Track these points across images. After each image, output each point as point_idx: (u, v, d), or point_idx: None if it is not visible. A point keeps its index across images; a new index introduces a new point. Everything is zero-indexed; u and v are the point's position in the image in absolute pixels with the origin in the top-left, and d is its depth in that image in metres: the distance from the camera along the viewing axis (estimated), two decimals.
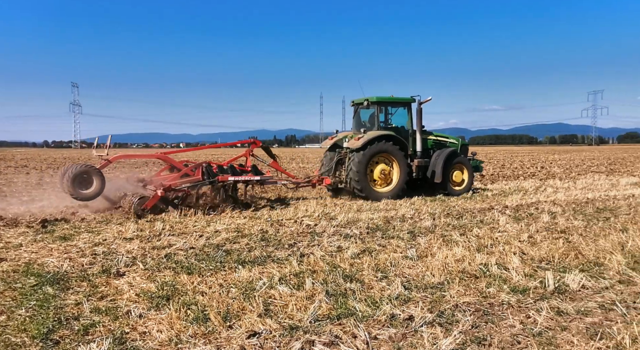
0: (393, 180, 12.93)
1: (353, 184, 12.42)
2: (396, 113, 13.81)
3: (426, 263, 6.03)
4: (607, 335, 3.86)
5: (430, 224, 8.83)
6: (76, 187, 9.29)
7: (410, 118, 13.71)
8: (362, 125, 13.76)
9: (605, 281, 5.31)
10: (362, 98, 13.53)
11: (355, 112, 14.17)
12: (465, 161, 13.98)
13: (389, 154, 12.77)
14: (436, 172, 13.16)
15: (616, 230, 7.94)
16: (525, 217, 9.63)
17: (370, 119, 13.73)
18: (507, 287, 5.10)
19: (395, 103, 13.68)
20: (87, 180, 9.44)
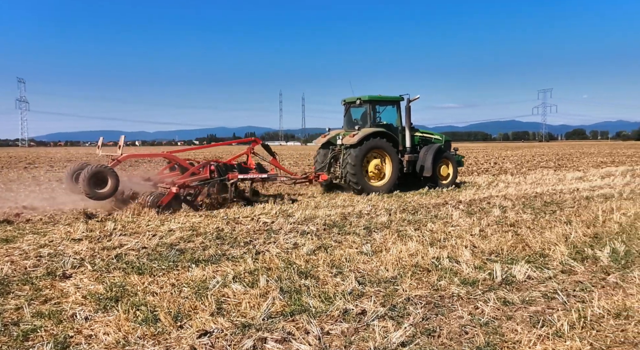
0: (386, 175, 13.56)
1: (349, 177, 12.88)
2: (386, 111, 14.43)
3: (381, 258, 6.11)
4: (548, 323, 4.03)
5: (386, 219, 8.95)
6: (92, 186, 9.50)
7: (399, 115, 14.35)
8: (353, 123, 14.23)
9: (549, 271, 5.53)
10: (354, 97, 14.03)
11: (346, 111, 14.68)
12: (451, 156, 14.76)
13: (382, 150, 13.37)
14: (425, 166, 13.83)
15: (561, 222, 8.29)
16: (478, 211, 9.91)
17: (362, 116, 14.25)
18: (457, 280, 5.23)
19: (385, 101, 14.28)
20: (102, 180, 9.64)
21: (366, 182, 13.17)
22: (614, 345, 3.62)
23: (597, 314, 4.20)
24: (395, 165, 13.52)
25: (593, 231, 7.56)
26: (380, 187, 13.30)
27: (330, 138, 14.12)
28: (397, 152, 13.71)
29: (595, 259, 6.02)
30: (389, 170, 13.56)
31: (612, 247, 6.41)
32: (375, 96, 13.86)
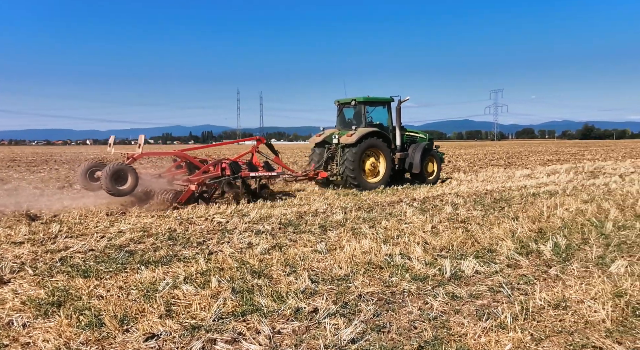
0: (380, 172, 14.38)
1: (348, 173, 13.57)
2: (377, 111, 15.15)
3: (335, 256, 6.14)
4: (493, 315, 4.17)
5: (341, 217, 9.01)
6: (114, 183, 9.77)
7: (389, 116, 15.16)
8: (346, 123, 15.07)
9: (496, 266, 5.72)
10: (349, 98, 14.71)
11: (340, 111, 15.41)
12: (435, 154, 15.78)
13: (377, 149, 14.14)
14: (414, 164, 14.78)
15: (509, 218, 8.59)
16: (431, 208, 10.13)
17: (355, 117, 14.91)
18: (408, 276, 5.33)
19: (377, 102, 15.00)
20: (123, 177, 9.93)
21: (363, 178, 13.89)
22: (552, 334, 3.79)
23: (538, 305, 4.37)
24: (389, 163, 14.34)
25: (538, 226, 7.86)
26: (376, 183, 14.10)
27: (326, 137, 14.70)
28: (390, 151, 14.49)
29: (539, 253, 6.27)
30: (383, 167, 14.37)
31: (555, 242, 6.70)
32: (368, 97, 14.57)
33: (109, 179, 9.70)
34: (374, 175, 14.31)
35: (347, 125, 14.84)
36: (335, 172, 14.38)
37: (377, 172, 14.38)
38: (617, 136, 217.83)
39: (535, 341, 3.67)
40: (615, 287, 4.76)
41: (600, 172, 18.98)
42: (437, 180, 15.75)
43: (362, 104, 14.53)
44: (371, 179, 14.19)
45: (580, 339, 3.68)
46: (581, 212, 9.03)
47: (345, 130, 14.40)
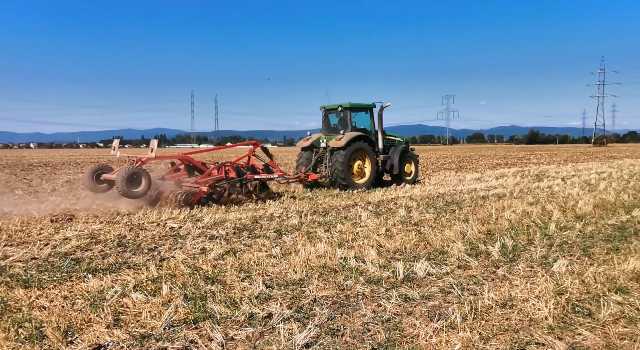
0: (366, 174, 15.30)
1: (338, 174, 14.42)
2: (360, 116, 16.14)
3: (290, 260, 6.12)
4: (444, 316, 4.27)
5: (297, 221, 9.00)
6: (128, 186, 10.16)
7: (372, 120, 16.19)
8: (332, 128, 16.06)
9: (447, 267, 5.87)
10: (335, 104, 15.75)
11: (325, 116, 16.37)
12: (413, 156, 17.04)
13: (363, 152, 15.09)
14: (394, 165, 15.83)
15: (459, 221, 8.84)
16: (385, 212, 10.29)
17: (341, 122, 15.91)
18: (363, 279, 5.38)
19: (360, 108, 15.99)
20: (137, 180, 10.32)
21: (352, 180, 14.77)
22: (499, 333, 3.92)
23: (486, 305, 4.52)
24: (374, 165, 15.31)
25: (487, 228, 8.13)
26: (363, 184, 15.02)
27: (313, 141, 15.56)
28: (374, 153, 15.47)
29: (488, 254, 6.48)
30: (368, 169, 15.31)
31: (502, 243, 6.95)
32: (353, 104, 15.52)
33: (124, 181, 10.13)
34: (361, 176, 15.24)
35: (333, 130, 15.83)
36: (323, 174, 15.11)
37: (364, 173, 15.31)
38: (560, 141, 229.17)
39: (483, 340, 3.79)
40: (557, 285, 4.99)
41: (544, 176, 19.86)
42: (415, 180, 16.94)
43: (348, 109, 15.52)
44: (358, 180, 15.10)
45: (525, 336, 3.83)
46: (527, 214, 9.41)
47: (331, 134, 15.43)
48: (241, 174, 12.07)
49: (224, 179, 11.72)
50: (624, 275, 5.31)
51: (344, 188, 14.49)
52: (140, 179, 10.41)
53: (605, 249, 6.63)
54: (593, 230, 7.91)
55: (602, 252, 6.47)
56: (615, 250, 6.58)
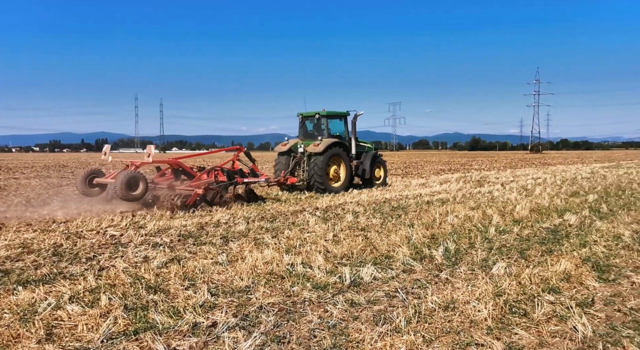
0: (341, 178, 16.19)
1: (316, 178, 15.21)
2: (335, 123, 17.04)
3: (236, 267, 6.03)
4: (389, 320, 4.34)
5: (244, 228, 8.89)
6: (127, 189, 10.54)
7: (346, 128, 17.12)
8: (308, 134, 16.87)
9: (393, 271, 5.98)
10: (313, 112, 16.59)
11: (302, 123, 17.13)
12: (382, 161, 18.16)
13: (339, 157, 16.00)
14: (366, 170, 16.97)
15: (405, 225, 9.04)
16: (333, 217, 10.36)
17: (317, 128, 16.79)
18: (310, 285, 5.38)
19: (336, 116, 16.87)
20: (135, 183, 10.69)
21: (329, 183, 15.60)
22: (441, 335, 4.02)
23: (430, 308, 4.63)
24: (348, 170, 16.26)
25: (431, 232, 8.35)
26: (338, 187, 15.86)
27: (291, 146, 16.26)
28: (349, 159, 16.42)
29: (432, 258, 6.66)
30: (343, 173, 16.22)
31: (446, 247, 7.16)
32: (329, 112, 16.44)
33: (123, 185, 10.51)
34: (336, 180, 16.14)
35: (309, 136, 16.68)
36: (301, 177, 15.89)
37: (339, 177, 16.23)
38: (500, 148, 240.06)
39: (426, 342, 3.88)
40: (496, 287, 5.19)
41: (485, 181, 20.69)
42: (384, 184, 18.14)
43: (324, 117, 16.44)
44: (334, 183, 15.97)
45: (466, 338, 3.95)
46: (469, 219, 9.75)
47: (308, 140, 16.26)
48: (232, 178, 12.66)
49: (218, 182, 12.26)
50: (556, 276, 5.61)
51: (322, 191, 15.26)
52: (138, 182, 10.83)
53: (540, 251, 6.98)
54: (529, 234, 8.31)
55: (537, 255, 6.80)
56: (549, 252, 6.93)
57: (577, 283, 5.42)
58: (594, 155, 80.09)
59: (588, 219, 9.72)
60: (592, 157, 65.86)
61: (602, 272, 5.86)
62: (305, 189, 15.82)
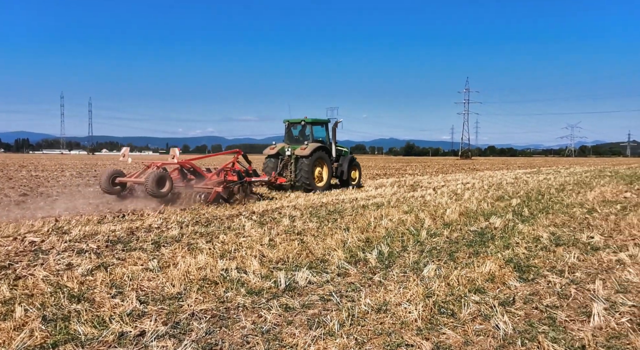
0: (324, 178, 18.16)
1: (304, 180, 17.15)
2: (317, 130, 18.99)
3: (168, 273, 5.83)
4: (323, 324, 4.36)
5: (177, 233, 8.63)
6: (156, 187, 11.98)
7: (327, 133, 19.25)
8: (294, 139, 18.85)
9: (327, 275, 6.02)
10: (298, 119, 18.58)
11: (288, 129, 19.10)
12: (357, 164, 20.23)
13: (322, 160, 17.98)
14: (344, 172, 19.12)
15: (341, 229, 9.15)
16: (269, 221, 10.29)
17: (301, 134, 18.74)
18: (244, 290, 5.30)
19: (319, 123, 18.98)
20: (162, 182, 12.20)
21: (314, 183, 17.46)
22: (373, 337, 4.10)
23: (363, 311, 4.71)
24: (330, 171, 18.34)
25: (366, 236, 8.51)
26: (322, 186, 17.88)
27: (279, 150, 18.14)
28: (330, 161, 18.41)
29: (366, 261, 6.78)
30: (326, 174, 18.22)
31: (379, 250, 7.32)
32: (313, 119, 18.50)
33: (154, 183, 11.94)
34: (320, 180, 17.98)
35: (295, 141, 18.67)
36: (289, 178, 17.69)
37: (322, 178, 18.12)
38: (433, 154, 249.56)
39: (358, 345, 3.93)
40: (426, 288, 5.37)
41: (418, 186, 21.40)
42: (359, 185, 20.26)
43: (309, 124, 18.42)
44: (318, 183, 17.81)
45: (397, 339, 4.05)
46: (402, 222, 10.03)
47: (293, 145, 18.17)
48: (241, 177, 14.08)
49: (234, 181, 13.72)
50: (481, 276, 5.89)
51: (308, 190, 17.26)
52: (165, 181, 12.30)
53: (468, 253, 7.30)
54: (458, 236, 8.67)
55: (465, 256, 7.11)
56: (476, 254, 7.27)
57: (500, 283, 5.72)
58: (518, 162, 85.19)
59: (511, 222, 10.30)
60: (516, 164, 70.04)
61: (523, 273, 6.22)
62: (290, 187, 17.90)
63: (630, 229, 9.32)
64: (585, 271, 6.34)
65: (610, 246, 7.86)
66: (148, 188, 11.91)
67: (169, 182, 12.33)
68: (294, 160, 17.52)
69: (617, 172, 36.38)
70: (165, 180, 12.26)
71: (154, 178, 11.96)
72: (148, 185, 11.89)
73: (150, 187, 11.89)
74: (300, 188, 17.70)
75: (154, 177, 11.99)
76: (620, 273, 6.18)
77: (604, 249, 7.66)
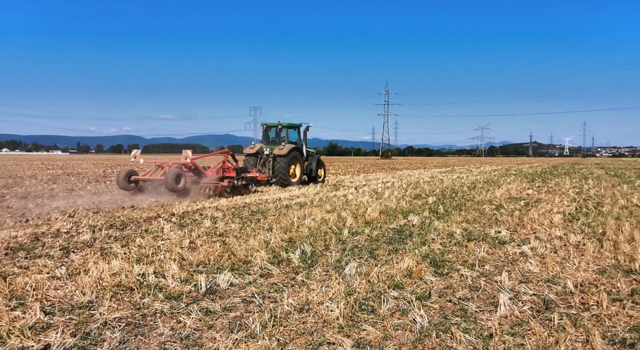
0: (297, 175, 20.99)
1: (281, 175, 19.87)
2: (291, 132, 21.74)
3: (77, 281, 5.47)
4: (245, 326, 4.30)
5: (89, 237, 8.12)
6: (175, 183, 13.89)
7: (299, 136, 22.09)
8: (270, 140, 21.68)
9: (250, 277, 5.94)
10: (275, 123, 21.59)
11: (265, 131, 21.87)
12: (323, 163, 23.42)
13: (296, 159, 20.77)
14: (313, 169, 22.13)
15: (263, 230, 9.07)
16: (190, 223, 9.98)
17: (277, 136, 21.68)
18: (162, 295, 5.09)
19: (292, 126, 21.85)
20: (179, 179, 14.07)
21: (290, 179, 20.21)
22: (295, 337, 4.10)
23: (285, 311, 4.69)
24: (302, 169, 21.29)
25: (289, 236, 8.51)
26: (295, 182, 20.65)
27: (258, 150, 20.59)
28: (302, 160, 21.26)
29: (289, 261, 6.77)
30: (299, 171, 21.08)
31: (302, 249, 7.34)
32: (288, 123, 21.53)
33: (173, 179, 13.89)
34: (294, 177, 20.72)
35: (271, 142, 21.51)
36: (268, 174, 20.08)
37: (296, 175, 20.89)
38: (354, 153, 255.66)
39: (280, 346, 3.92)
40: (348, 286, 5.47)
41: (341, 185, 21.79)
42: (324, 181, 23.23)
43: (286, 127, 21.42)
44: (293, 179, 20.53)
45: (319, 338, 4.08)
46: (325, 221, 10.15)
47: (270, 145, 20.86)
48: (239, 173, 16.28)
49: (235, 177, 16.00)
50: (400, 273, 6.10)
51: (285, 185, 19.87)
52: (181, 178, 14.22)
53: (387, 251, 7.54)
54: (378, 234, 8.93)
55: (385, 254, 7.33)
56: (395, 251, 7.52)
57: (417, 278, 5.96)
58: (434, 161, 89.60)
59: (428, 219, 10.79)
60: (432, 163, 73.59)
61: (438, 267, 6.53)
62: (266, 183, 20.15)
63: (532, 224, 10.11)
64: (493, 264, 6.79)
65: (515, 240, 8.47)
66: (168, 184, 13.88)
67: (184, 178, 14.34)
68: (272, 159, 20.09)
69: (521, 170, 39.38)
70: (181, 177, 14.25)
71: (174, 175, 13.95)
72: (168, 181, 13.86)
73: (170, 183, 13.86)
74: (277, 183, 19.99)
75: (173, 174, 13.97)
76: (523, 265, 6.68)
77: (509, 242, 8.24)
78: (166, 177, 13.97)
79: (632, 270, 6.37)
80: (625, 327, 4.44)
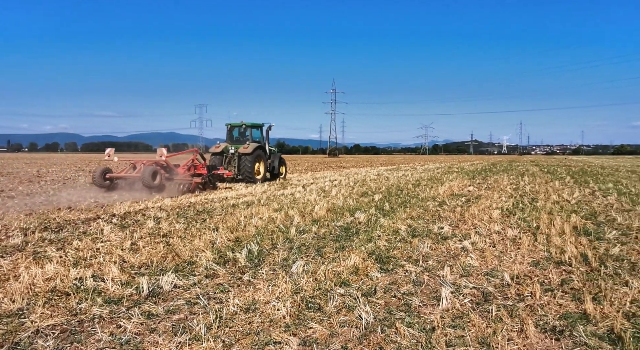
0: (261, 172, 21.94)
1: (247, 173, 20.90)
2: (254, 132, 22.75)
3: (6, 288, 5.14)
4: (189, 328, 4.19)
5: (20, 240, 7.65)
6: (151, 180, 14.86)
7: (262, 135, 23.07)
8: (234, 139, 22.74)
9: (195, 278, 5.81)
10: (239, 122, 22.64)
11: (229, 131, 22.91)
12: (284, 161, 24.85)
13: (260, 157, 21.71)
14: (275, 167, 23.39)
15: (209, 229, 8.90)
16: (132, 224, 9.64)
17: (241, 135, 22.81)
18: (100, 300, 4.88)
19: (255, 126, 22.84)
20: (155, 175, 15.13)
21: (255, 176, 21.26)
22: (241, 337, 4.05)
23: (231, 312, 4.62)
24: (266, 167, 22.25)
25: (235, 235, 8.39)
26: (260, 179, 21.61)
27: (223, 148, 21.54)
28: (266, 159, 22.21)
29: (235, 261, 6.68)
30: (263, 169, 22.04)
31: (249, 249, 7.27)
32: (253, 123, 22.61)
33: (149, 176, 14.67)
34: (258, 174, 21.70)
35: (235, 141, 22.56)
36: (234, 172, 21.06)
37: (260, 172, 21.88)
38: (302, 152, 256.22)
39: (226, 347, 3.85)
40: (295, 285, 5.46)
41: (288, 183, 21.75)
42: (284, 177, 24.69)
43: (248, 127, 22.48)
44: (258, 176, 21.55)
45: (265, 337, 4.05)
46: (272, 220, 10.09)
47: (235, 144, 21.90)
48: (210, 171, 17.37)
49: (206, 174, 17.09)
50: (346, 270, 6.16)
51: (250, 182, 20.97)
52: (157, 175, 15.07)
53: (334, 248, 7.59)
54: (325, 232, 8.98)
55: (332, 251, 7.38)
56: (342, 248, 7.59)
57: (363, 275, 6.04)
58: (380, 159, 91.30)
59: (374, 216, 10.96)
60: (379, 161, 74.96)
61: (384, 264, 6.65)
62: (230, 180, 21.19)
63: (473, 219, 10.51)
64: (436, 259, 6.99)
65: (456, 235, 8.77)
66: (145, 181, 14.55)
67: (159, 175, 15.14)
68: (237, 158, 21.14)
69: (463, 168, 40.88)
70: (157, 174, 15.05)
71: (150, 172, 14.70)
72: (145, 178, 14.54)
73: (147, 180, 14.55)
74: (243, 180, 21.21)
75: (150, 171, 14.72)
76: (464, 259, 6.93)
77: (451, 238, 8.52)
78: (142, 174, 14.66)
79: (562, 262, 6.76)
80: (556, 315, 4.70)
